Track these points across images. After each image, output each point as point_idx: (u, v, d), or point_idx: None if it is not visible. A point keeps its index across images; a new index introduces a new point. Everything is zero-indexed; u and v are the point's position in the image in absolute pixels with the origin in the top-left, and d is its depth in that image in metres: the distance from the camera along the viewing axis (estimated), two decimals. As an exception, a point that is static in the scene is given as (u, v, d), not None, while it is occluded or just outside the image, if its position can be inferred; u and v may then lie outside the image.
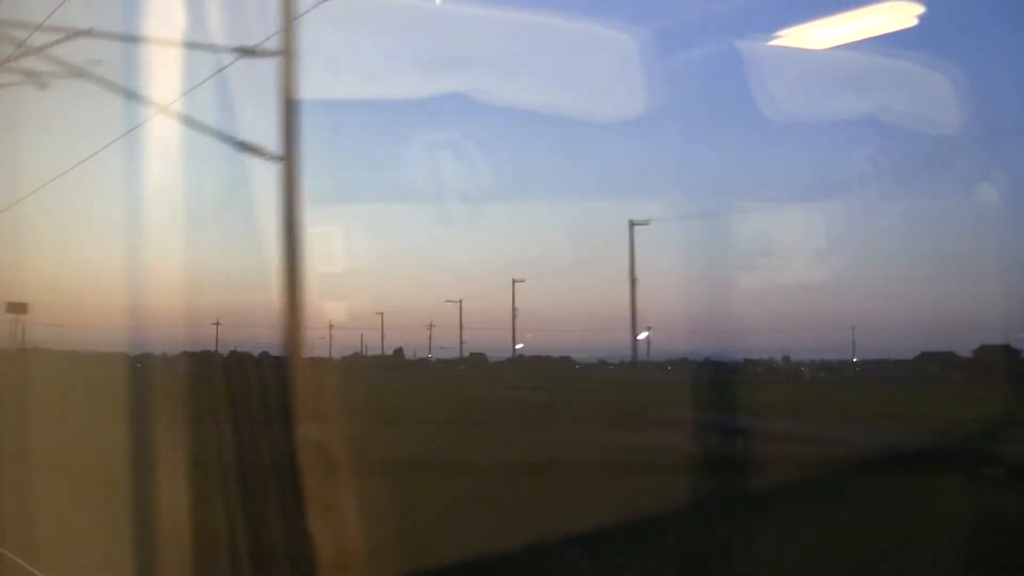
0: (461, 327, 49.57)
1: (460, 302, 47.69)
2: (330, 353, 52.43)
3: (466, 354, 53.26)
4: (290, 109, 9.19)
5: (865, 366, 48.36)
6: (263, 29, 9.73)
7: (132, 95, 11.28)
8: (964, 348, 38.90)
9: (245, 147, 9.45)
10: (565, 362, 51.50)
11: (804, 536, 9.63)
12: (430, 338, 56.00)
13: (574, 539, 9.35)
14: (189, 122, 10.50)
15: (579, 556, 8.90)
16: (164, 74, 10.50)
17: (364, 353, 52.12)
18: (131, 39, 11.43)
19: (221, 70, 9.89)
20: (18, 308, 18.27)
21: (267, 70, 10.13)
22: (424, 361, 55.71)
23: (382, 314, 49.63)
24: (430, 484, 12.40)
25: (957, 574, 8.32)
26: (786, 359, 48.53)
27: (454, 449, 16.34)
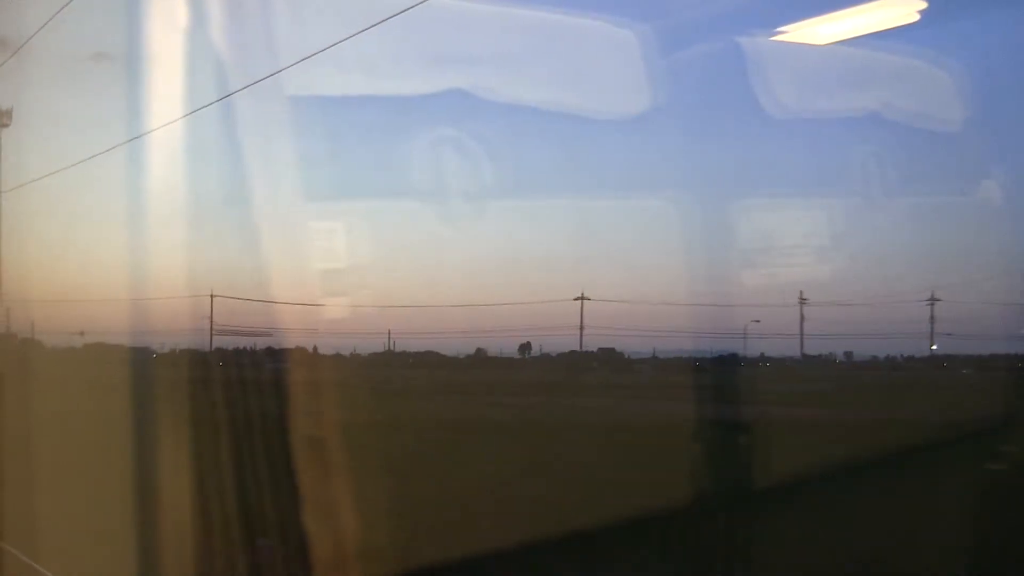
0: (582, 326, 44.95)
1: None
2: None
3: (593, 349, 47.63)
4: None
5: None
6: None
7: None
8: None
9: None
10: (614, 354, 47.01)
11: None
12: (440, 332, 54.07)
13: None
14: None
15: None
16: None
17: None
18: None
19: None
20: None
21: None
22: (523, 361, 49.60)
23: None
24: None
25: None
26: (848, 354, 46.27)
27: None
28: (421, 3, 10.06)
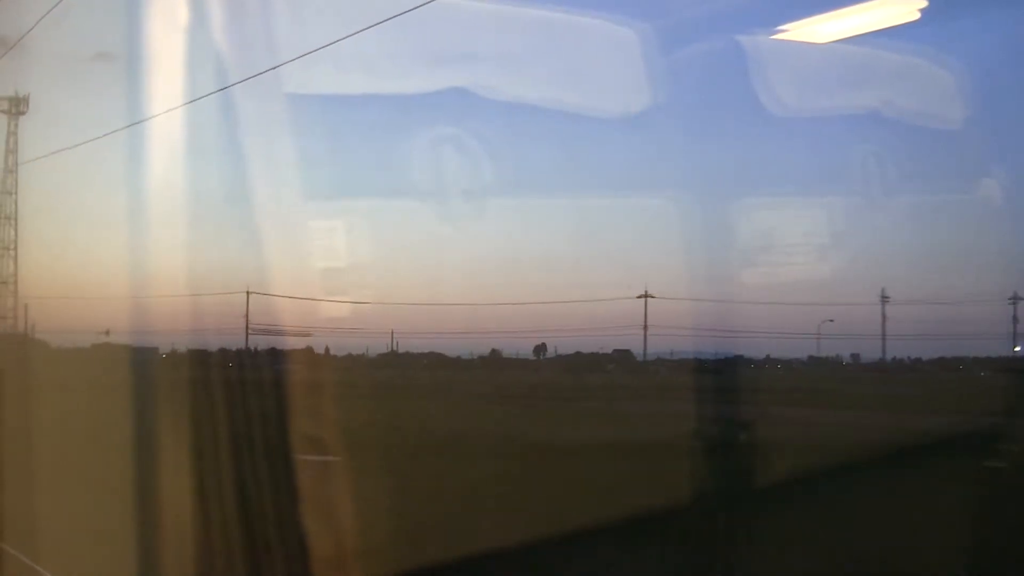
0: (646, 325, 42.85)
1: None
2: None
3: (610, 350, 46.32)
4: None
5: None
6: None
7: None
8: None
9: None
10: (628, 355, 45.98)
11: None
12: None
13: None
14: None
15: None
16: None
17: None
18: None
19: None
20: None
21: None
22: (537, 362, 47.86)
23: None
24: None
25: None
26: (855, 356, 45.23)
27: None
28: (424, 4, 10.09)
